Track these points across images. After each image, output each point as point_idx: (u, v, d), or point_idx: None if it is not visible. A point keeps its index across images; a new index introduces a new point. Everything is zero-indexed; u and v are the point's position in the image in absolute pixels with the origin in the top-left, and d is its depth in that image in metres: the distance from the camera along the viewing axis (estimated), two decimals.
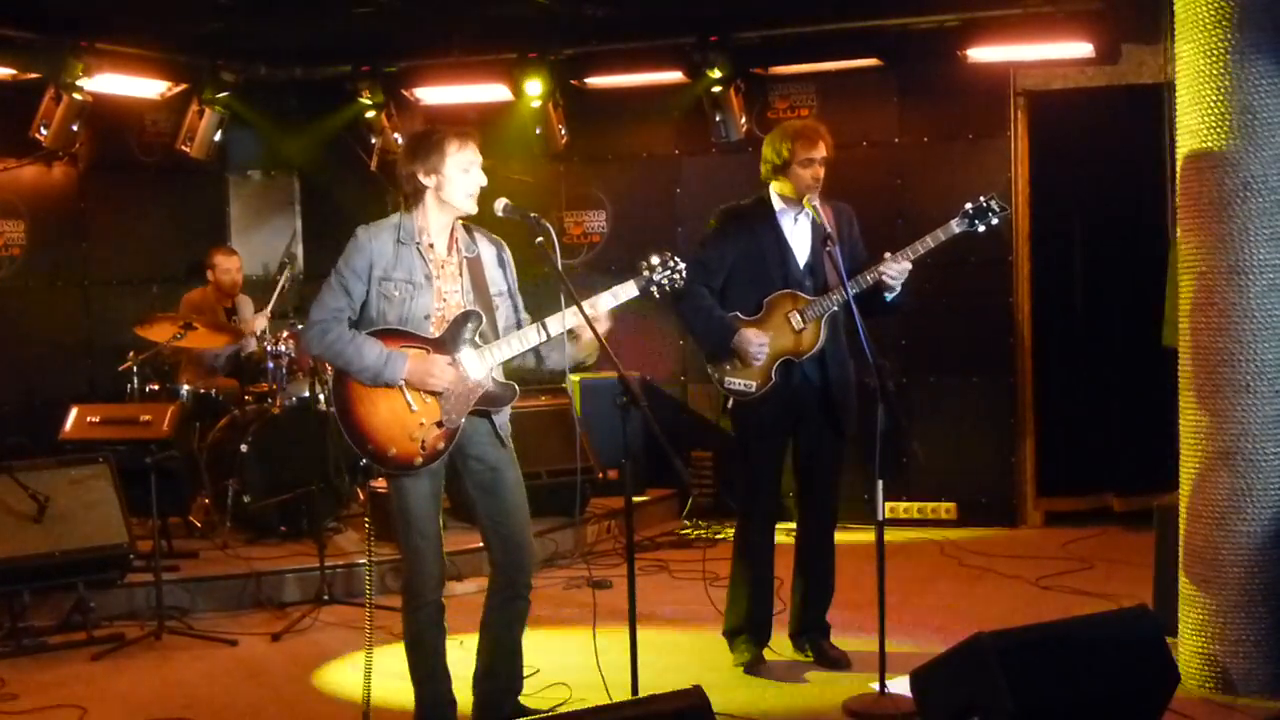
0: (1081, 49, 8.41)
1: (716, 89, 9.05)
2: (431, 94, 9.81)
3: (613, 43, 9.21)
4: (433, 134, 4.90)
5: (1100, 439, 8.87)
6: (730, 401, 5.83)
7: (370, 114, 9.80)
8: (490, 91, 9.55)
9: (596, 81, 9.56)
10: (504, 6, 8.43)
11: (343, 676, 5.95)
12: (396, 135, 9.74)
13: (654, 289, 4.92)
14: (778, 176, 5.80)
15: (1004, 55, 8.61)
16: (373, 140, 9.85)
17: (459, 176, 4.83)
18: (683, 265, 4.94)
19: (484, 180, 4.89)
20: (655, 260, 4.91)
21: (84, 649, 6.52)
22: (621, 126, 9.83)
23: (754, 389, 5.75)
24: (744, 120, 9.15)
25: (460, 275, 4.92)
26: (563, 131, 9.60)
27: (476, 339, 4.88)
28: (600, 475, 8.48)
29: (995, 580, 7.51)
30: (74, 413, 7.52)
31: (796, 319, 5.73)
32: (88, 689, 5.98)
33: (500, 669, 5.08)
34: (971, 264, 8.51)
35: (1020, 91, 8.85)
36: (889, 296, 5.69)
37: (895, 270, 5.61)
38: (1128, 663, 4.33)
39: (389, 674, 5.29)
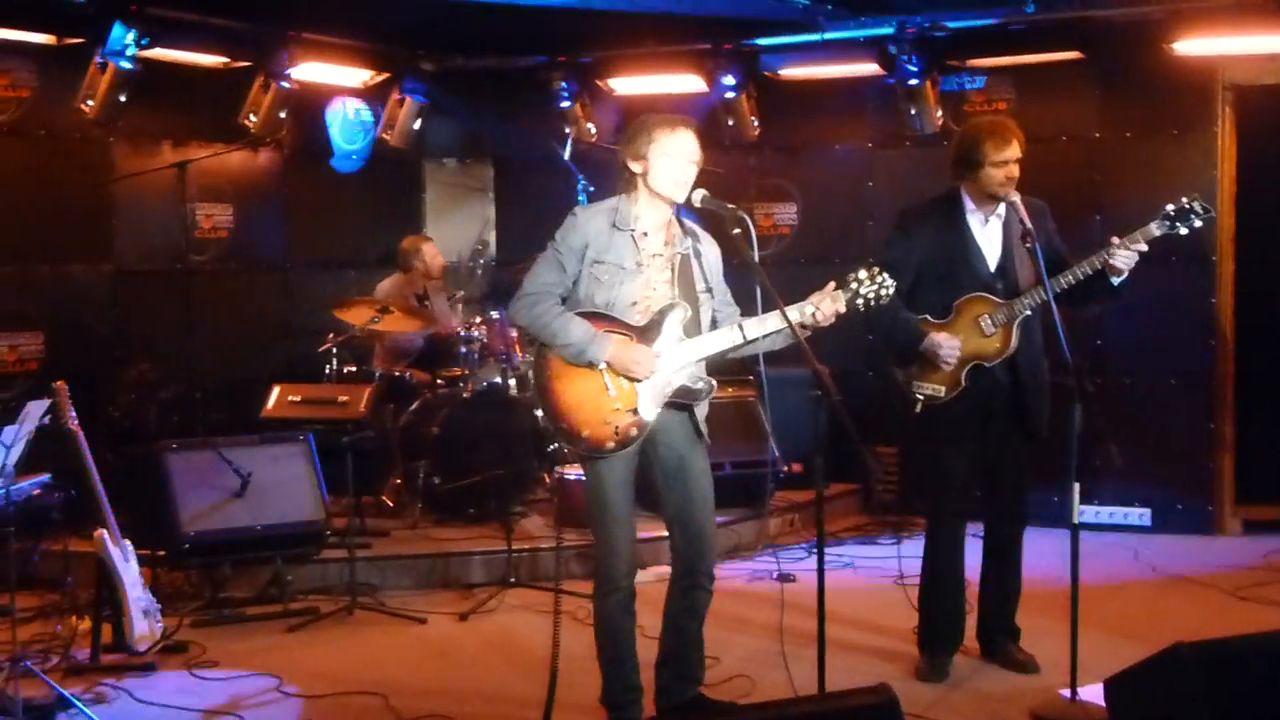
0: None
1: (912, 82, 8.93)
2: (626, 84, 9.87)
3: (807, 34, 9.12)
4: (642, 120, 4.92)
5: None
6: (920, 405, 5.72)
7: (565, 104, 9.90)
8: (684, 82, 9.57)
9: (790, 73, 9.50)
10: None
11: (529, 659, 6.02)
12: (590, 125, 9.83)
13: (860, 302, 4.84)
14: (968, 176, 5.67)
15: (1211, 48, 8.30)
16: (567, 130, 9.93)
17: (663, 162, 4.82)
18: (891, 282, 4.84)
19: (693, 171, 4.84)
20: (863, 274, 4.81)
21: (279, 620, 6.73)
22: (813, 118, 9.74)
23: (943, 394, 5.64)
24: (939, 113, 9.01)
25: (670, 268, 4.93)
26: (755, 123, 9.57)
27: (681, 332, 4.89)
28: (785, 468, 8.46)
29: (1190, 589, 7.31)
30: (276, 391, 7.75)
31: (987, 323, 5.59)
32: (282, 659, 6.16)
33: (681, 657, 5.10)
34: (1173, 263, 8.23)
35: (1228, 85, 8.55)
36: (1115, 281, 5.46)
37: (1125, 257, 5.37)
38: None
39: (574, 657, 5.34)
